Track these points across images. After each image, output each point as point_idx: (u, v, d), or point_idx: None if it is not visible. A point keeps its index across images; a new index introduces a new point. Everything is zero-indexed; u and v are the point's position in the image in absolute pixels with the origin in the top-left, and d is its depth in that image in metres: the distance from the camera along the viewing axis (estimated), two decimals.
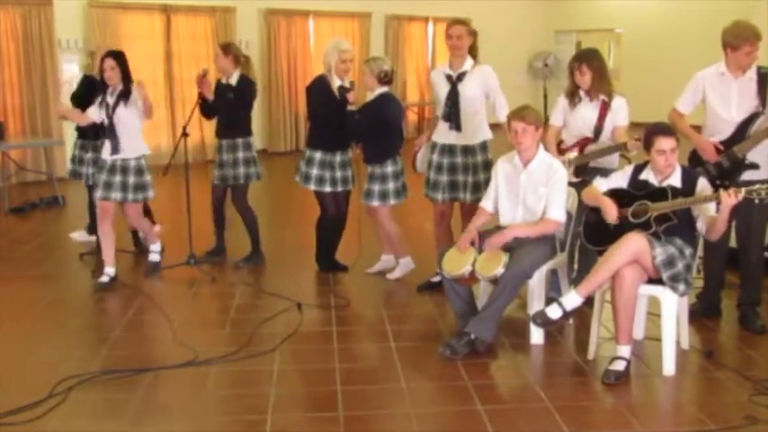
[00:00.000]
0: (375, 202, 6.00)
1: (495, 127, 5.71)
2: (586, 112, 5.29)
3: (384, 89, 5.91)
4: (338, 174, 6.08)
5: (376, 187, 5.97)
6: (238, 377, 4.43)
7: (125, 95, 5.92)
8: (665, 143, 4.41)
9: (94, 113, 6.07)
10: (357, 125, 5.90)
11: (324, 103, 5.97)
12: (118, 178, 5.99)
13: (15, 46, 10.52)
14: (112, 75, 5.92)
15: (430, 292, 5.79)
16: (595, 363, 4.54)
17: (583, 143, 5.31)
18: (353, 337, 5.10)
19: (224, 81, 6.47)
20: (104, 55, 5.98)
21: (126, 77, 5.96)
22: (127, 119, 5.95)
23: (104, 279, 6.01)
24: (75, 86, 7.09)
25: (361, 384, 4.32)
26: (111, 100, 5.96)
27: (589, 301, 4.52)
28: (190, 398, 4.20)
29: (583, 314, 4.86)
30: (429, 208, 6.03)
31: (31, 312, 5.62)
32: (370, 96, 5.98)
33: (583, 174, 5.22)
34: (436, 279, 5.81)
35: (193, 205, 6.45)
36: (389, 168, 5.94)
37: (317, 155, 6.03)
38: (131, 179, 6.01)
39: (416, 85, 16.25)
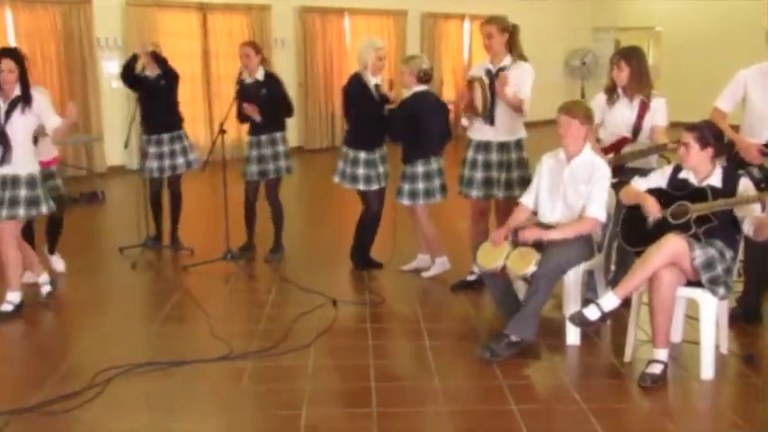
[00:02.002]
0: (405, 201, 6.02)
1: (530, 125, 5.68)
2: (624, 111, 5.24)
3: (422, 87, 5.91)
4: (380, 170, 6.12)
5: (406, 186, 5.98)
6: (273, 372, 4.45)
7: (24, 101, 5.17)
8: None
9: None
10: (392, 123, 5.91)
11: (362, 101, 5.99)
12: (7, 193, 5.20)
13: (56, 44, 10.66)
14: (10, 78, 5.11)
15: (465, 291, 5.78)
16: (632, 365, 4.50)
17: (620, 143, 5.26)
18: (388, 335, 5.10)
19: (248, 80, 6.51)
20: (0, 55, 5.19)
21: (24, 80, 5.19)
22: (23, 128, 5.20)
23: (7, 307, 5.33)
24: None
25: (395, 381, 4.33)
26: (3, 105, 5.17)
27: (626, 303, 4.48)
28: (225, 392, 4.24)
29: (620, 316, 4.82)
30: (464, 207, 6.01)
31: (73, 304, 5.72)
32: (407, 94, 5.99)
33: (620, 174, 5.16)
34: (471, 278, 5.81)
35: (230, 201, 6.50)
36: (420, 168, 5.94)
37: (362, 155, 6.06)
38: (23, 192, 5.23)
39: (453, 83, 16.20)
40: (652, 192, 4.57)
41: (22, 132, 5.20)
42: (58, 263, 6.31)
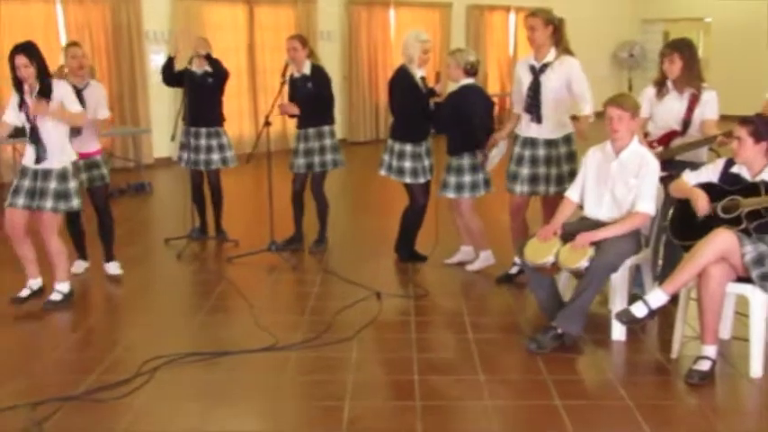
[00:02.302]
0: (450, 194, 6.00)
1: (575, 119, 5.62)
2: (674, 104, 5.15)
3: (469, 80, 5.88)
4: (426, 162, 6.12)
5: (452, 179, 5.96)
6: (317, 363, 4.48)
7: (40, 94, 5.09)
8: None
9: (11, 116, 5.24)
10: (439, 116, 5.90)
11: (408, 94, 5.98)
12: (38, 184, 5.21)
13: (105, 37, 10.81)
14: (27, 74, 5.05)
15: (508, 285, 5.76)
16: (679, 362, 4.43)
17: (669, 136, 5.18)
18: (432, 328, 5.10)
19: (296, 74, 6.54)
20: (13, 51, 5.09)
21: (43, 73, 5.11)
22: (50, 121, 5.17)
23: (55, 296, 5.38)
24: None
25: (438, 375, 4.32)
26: (30, 100, 5.13)
27: (674, 299, 4.41)
28: (269, 382, 4.27)
29: (667, 311, 4.71)
30: (506, 200, 5.97)
31: (120, 294, 5.81)
32: (454, 87, 5.96)
33: (669, 168, 5.08)
34: (514, 271, 5.78)
35: (274, 193, 6.55)
36: (466, 161, 5.92)
37: (408, 148, 6.05)
38: (52, 185, 5.20)
39: (497, 76, 16.10)
40: (703, 186, 4.49)
41: (50, 125, 5.16)
42: (114, 268, 6.11)
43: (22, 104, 5.16)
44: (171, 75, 6.80)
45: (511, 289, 5.69)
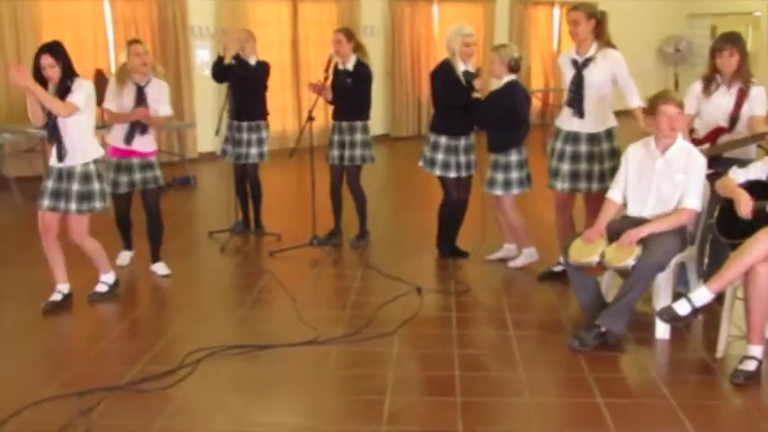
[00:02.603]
0: (498, 191, 5.97)
1: (621, 114, 5.56)
2: (722, 100, 5.07)
3: (512, 77, 5.85)
4: (462, 158, 6.08)
5: (499, 176, 5.93)
6: (358, 358, 4.50)
7: (65, 91, 4.98)
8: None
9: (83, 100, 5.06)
10: (483, 112, 5.87)
11: (449, 87, 5.97)
12: (63, 185, 5.14)
13: (151, 32, 10.92)
14: (53, 74, 4.97)
15: (551, 282, 5.72)
16: (724, 361, 4.37)
17: (715, 132, 5.10)
18: (473, 324, 5.09)
19: (341, 67, 6.57)
20: (39, 51, 5.01)
21: (68, 73, 5.02)
22: (73, 121, 5.03)
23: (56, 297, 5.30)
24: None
25: (479, 371, 4.32)
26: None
27: (719, 297, 4.34)
28: (310, 376, 4.30)
29: (712, 311, 4.66)
30: (550, 197, 5.94)
31: (165, 287, 5.88)
32: (497, 84, 5.93)
33: (716, 165, 5.00)
34: (557, 268, 5.74)
35: (317, 188, 6.58)
36: (513, 157, 5.89)
37: (443, 140, 6.04)
38: (75, 186, 5.13)
39: (541, 71, 15.97)
40: (751, 184, 4.41)
41: (73, 125, 5.04)
42: (161, 268, 6.06)
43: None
44: (221, 72, 6.87)
45: (554, 286, 5.65)
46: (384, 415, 3.81)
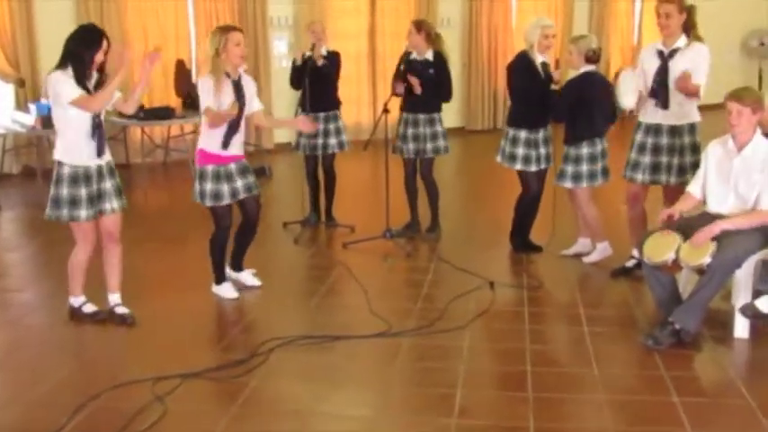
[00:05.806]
0: (567, 184, 5.90)
1: (706, 108, 5.42)
2: None
3: (590, 68, 5.76)
4: (542, 150, 6.03)
5: (569, 168, 5.86)
6: (429, 351, 4.50)
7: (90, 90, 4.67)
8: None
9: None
10: (558, 103, 5.80)
11: (527, 79, 5.91)
12: (109, 183, 4.83)
13: (232, 23, 11.09)
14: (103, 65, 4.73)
15: (625, 277, 5.61)
16: None
17: None
18: (545, 319, 5.04)
19: (417, 57, 6.53)
20: (104, 38, 4.68)
21: (100, 70, 4.75)
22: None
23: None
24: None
25: (551, 367, 4.28)
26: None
27: None
28: (381, 367, 4.33)
29: None
30: (624, 191, 5.81)
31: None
32: (574, 75, 5.85)
33: None
34: (630, 263, 5.64)
35: (392, 180, 6.59)
36: (585, 150, 5.80)
37: (522, 134, 5.98)
38: (112, 182, 4.84)
39: (620, 64, 15.64)
40: None
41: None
42: (248, 278, 5.67)
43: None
44: (298, 76, 6.93)
45: (627, 281, 5.55)
46: (455, 408, 3.80)
